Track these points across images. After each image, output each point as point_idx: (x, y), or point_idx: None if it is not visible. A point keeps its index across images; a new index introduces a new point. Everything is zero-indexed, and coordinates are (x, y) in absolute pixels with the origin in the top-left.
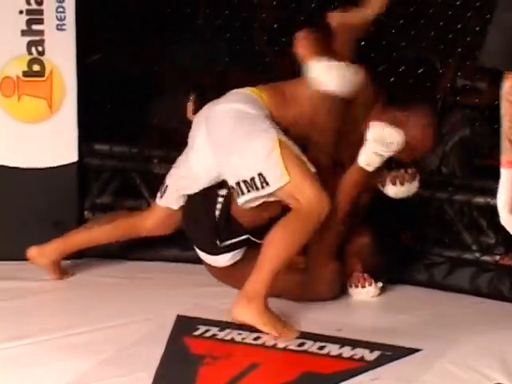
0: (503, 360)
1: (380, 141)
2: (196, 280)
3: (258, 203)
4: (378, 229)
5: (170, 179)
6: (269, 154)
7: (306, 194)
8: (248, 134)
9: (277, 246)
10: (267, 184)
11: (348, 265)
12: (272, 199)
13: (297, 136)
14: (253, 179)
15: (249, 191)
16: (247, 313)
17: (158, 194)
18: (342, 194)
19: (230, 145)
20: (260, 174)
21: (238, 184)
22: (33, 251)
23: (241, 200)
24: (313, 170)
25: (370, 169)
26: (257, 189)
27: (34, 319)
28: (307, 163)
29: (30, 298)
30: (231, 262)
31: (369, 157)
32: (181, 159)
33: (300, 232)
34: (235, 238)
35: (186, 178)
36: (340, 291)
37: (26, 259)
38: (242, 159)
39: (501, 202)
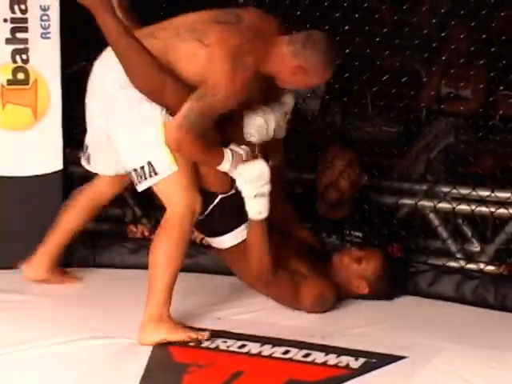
0: (488, 367)
1: (253, 181)
2: (180, 288)
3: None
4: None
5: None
6: (158, 142)
7: (179, 197)
8: (137, 119)
9: (160, 262)
10: (155, 173)
11: (354, 285)
12: None
13: None
14: (142, 168)
15: (139, 181)
16: (156, 331)
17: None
18: (255, 250)
19: (122, 131)
20: (149, 163)
21: (134, 171)
22: (24, 269)
23: (138, 189)
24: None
25: (263, 215)
26: (145, 178)
27: (18, 329)
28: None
29: (8, 308)
30: (234, 242)
31: (254, 206)
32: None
33: (177, 238)
34: (210, 204)
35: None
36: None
37: (10, 268)
38: (132, 147)
39: None
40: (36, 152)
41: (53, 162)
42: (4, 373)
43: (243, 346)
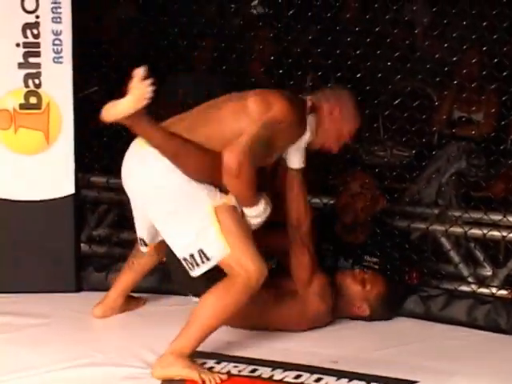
0: None
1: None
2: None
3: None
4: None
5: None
6: (206, 229)
7: (245, 265)
8: (184, 209)
9: (208, 311)
10: (208, 259)
11: (356, 307)
12: None
13: None
14: (192, 256)
15: (191, 269)
16: (172, 365)
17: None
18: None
19: (169, 222)
20: (200, 251)
21: (184, 260)
22: (97, 312)
23: (192, 275)
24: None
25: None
26: (197, 265)
27: (35, 353)
28: (245, 226)
29: (29, 331)
30: None
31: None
32: None
33: (233, 300)
34: None
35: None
36: (333, 301)
37: (21, 292)
38: (181, 237)
39: None
40: (48, 176)
41: (65, 186)
42: None
43: (255, 370)
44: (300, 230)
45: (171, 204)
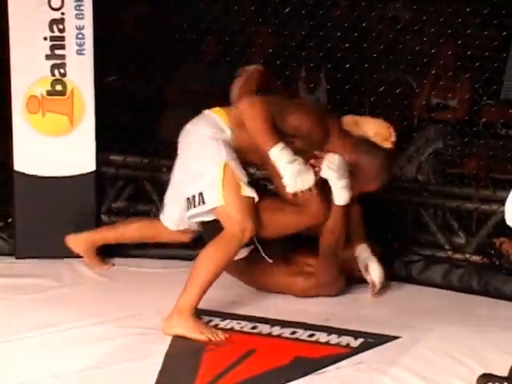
0: (471, 347)
1: (339, 171)
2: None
3: (204, 219)
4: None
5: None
6: (212, 177)
7: (232, 219)
8: (200, 156)
9: (204, 268)
10: (203, 203)
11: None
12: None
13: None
14: (194, 197)
15: (189, 208)
16: (178, 325)
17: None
18: (335, 233)
19: (187, 165)
20: (200, 194)
21: (187, 199)
22: (69, 239)
23: (187, 215)
24: (251, 194)
25: (346, 202)
26: (194, 206)
27: (57, 311)
28: (246, 188)
29: (52, 292)
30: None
31: (340, 193)
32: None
33: (224, 254)
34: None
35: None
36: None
37: (49, 257)
38: (191, 178)
39: (510, 210)
40: (72, 155)
41: (87, 164)
42: (54, 346)
43: (255, 327)
44: (331, 251)
45: (198, 150)
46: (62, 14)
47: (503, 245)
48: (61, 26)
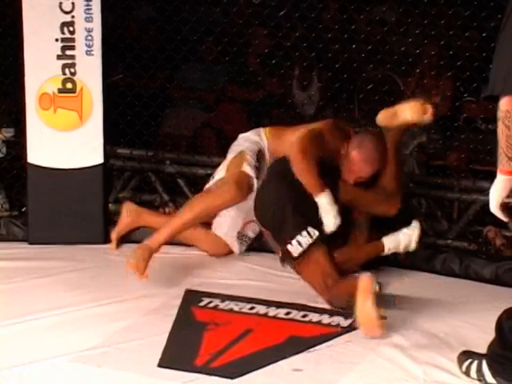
0: (453, 324)
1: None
2: (201, 260)
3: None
4: None
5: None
6: (226, 160)
7: (224, 179)
8: (232, 150)
9: (185, 211)
10: (213, 178)
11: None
12: None
13: None
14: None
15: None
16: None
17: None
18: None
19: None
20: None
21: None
22: (127, 204)
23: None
24: (250, 173)
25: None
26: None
27: (68, 293)
28: (247, 166)
29: (63, 275)
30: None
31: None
32: None
33: (205, 203)
34: None
35: None
36: None
37: (60, 243)
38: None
39: (493, 198)
40: (81, 148)
41: (95, 157)
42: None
43: (253, 308)
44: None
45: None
46: (73, 17)
47: (489, 233)
48: (71, 28)
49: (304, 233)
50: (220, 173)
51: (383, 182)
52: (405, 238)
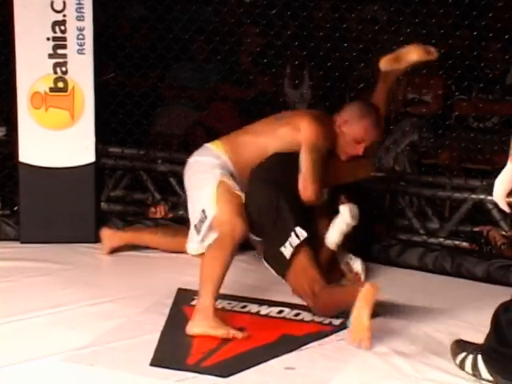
0: (446, 322)
1: (351, 219)
2: (193, 259)
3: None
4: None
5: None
6: (208, 194)
7: (223, 221)
8: (200, 183)
9: (206, 269)
10: (206, 218)
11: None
12: None
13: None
14: (202, 211)
15: (198, 233)
16: (198, 325)
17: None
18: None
19: (190, 193)
20: (203, 210)
21: (194, 227)
22: (106, 232)
23: (198, 239)
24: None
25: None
26: (201, 222)
27: (60, 292)
28: (238, 197)
29: (55, 274)
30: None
31: (336, 237)
32: None
33: (222, 254)
34: None
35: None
36: None
37: (52, 242)
38: (195, 206)
39: (500, 186)
40: (73, 147)
41: (87, 156)
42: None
43: (245, 306)
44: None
45: (197, 181)
46: (64, 16)
47: (490, 232)
48: (63, 27)
49: (292, 233)
50: (208, 211)
51: None
52: (339, 224)
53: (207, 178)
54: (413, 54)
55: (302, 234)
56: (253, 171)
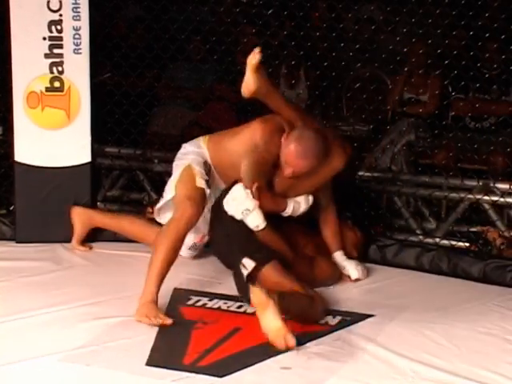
0: (441, 324)
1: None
2: (189, 259)
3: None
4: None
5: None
6: (174, 177)
7: (177, 204)
8: (174, 169)
9: (156, 256)
10: (162, 197)
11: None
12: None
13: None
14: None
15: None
16: (137, 312)
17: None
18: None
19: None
20: (164, 191)
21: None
22: (75, 209)
23: (156, 208)
24: (202, 185)
25: (262, 226)
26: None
27: (56, 292)
28: (199, 179)
29: (51, 274)
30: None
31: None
32: None
33: (168, 239)
34: None
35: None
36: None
37: (47, 241)
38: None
39: None
40: (69, 147)
41: (83, 155)
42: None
43: (241, 306)
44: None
45: (176, 166)
46: (60, 15)
47: (489, 233)
48: (59, 27)
49: (241, 266)
50: (169, 192)
51: None
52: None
53: (179, 164)
54: (247, 71)
55: (250, 264)
56: (215, 202)
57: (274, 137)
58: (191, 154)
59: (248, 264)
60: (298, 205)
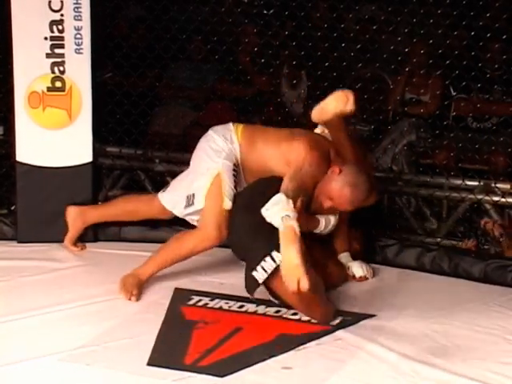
0: (442, 324)
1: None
2: (190, 259)
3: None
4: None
5: (175, 181)
6: (204, 182)
7: (205, 222)
8: (205, 159)
9: (176, 248)
10: (193, 204)
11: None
12: None
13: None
14: (189, 196)
15: (186, 207)
16: (122, 281)
17: (162, 190)
18: None
19: (196, 161)
20: (193, 195)
21: (186, 197)
22: (69, 209)
23: (184, 212)
24: (227, 207)
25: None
26: (189, 205)
27: (57, 292)
28: (228, 202)
29: (52, 274)
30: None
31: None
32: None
33: (191, 247)
34: None
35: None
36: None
37: (49, 241)
38: (193, 178)
39: None
40: (71, 147)
41: (84, 155)
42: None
43: (242, 306)
44: None
45: (205, 152)
46: (62, 15)
47: (487, 225)
48: (60, 27)
49: (267, 258)
50: (199, 200)
51: None
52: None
53: (210, 166)
54: (331, 105)
55: (278, 256)
56: (237, 196)
57: (321, 165)
58: (223, 154)
59: (278, 257)
60: (329, 222)
